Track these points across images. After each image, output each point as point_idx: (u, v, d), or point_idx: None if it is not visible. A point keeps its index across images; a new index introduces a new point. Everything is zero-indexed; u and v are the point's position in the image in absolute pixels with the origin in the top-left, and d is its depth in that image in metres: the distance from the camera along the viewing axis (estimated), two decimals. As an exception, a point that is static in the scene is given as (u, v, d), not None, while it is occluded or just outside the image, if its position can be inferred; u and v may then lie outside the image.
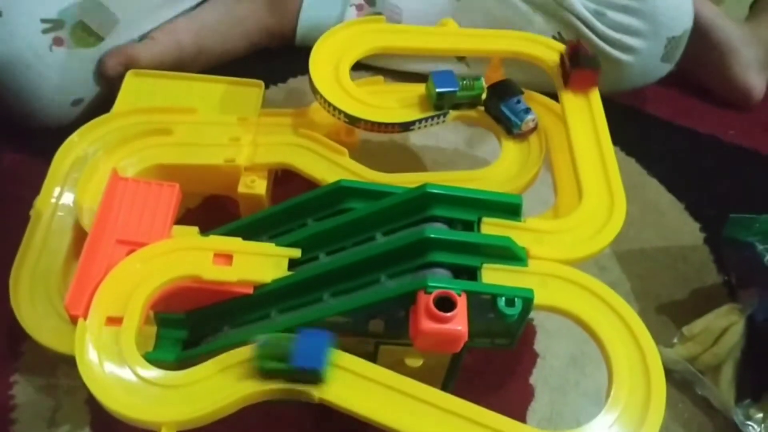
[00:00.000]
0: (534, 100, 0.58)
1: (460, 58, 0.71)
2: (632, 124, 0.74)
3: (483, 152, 0.68)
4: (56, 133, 0.56)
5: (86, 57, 0.63)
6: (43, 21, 0.60)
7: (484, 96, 0.56)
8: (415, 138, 0.69)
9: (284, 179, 0.57)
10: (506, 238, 0.42)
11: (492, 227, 0.43)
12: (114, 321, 0.41)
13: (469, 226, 0.44)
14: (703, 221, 0.67)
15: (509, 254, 0.42)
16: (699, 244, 0.65)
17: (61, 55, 0.61)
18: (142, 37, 0.66)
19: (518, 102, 0.54)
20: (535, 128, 0.55)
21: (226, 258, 0.45)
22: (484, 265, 0.41)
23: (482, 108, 0.56)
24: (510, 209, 0.44)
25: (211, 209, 0.59)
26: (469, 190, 0.44)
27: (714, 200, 0.68)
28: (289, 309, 0.44)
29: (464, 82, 0.55)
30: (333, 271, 0.43)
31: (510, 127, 0.55)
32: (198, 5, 0.70)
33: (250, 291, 0.45)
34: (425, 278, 0.39)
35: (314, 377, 0.37)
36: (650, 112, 0.75)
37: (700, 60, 0.75)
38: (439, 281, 0.39)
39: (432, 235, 0.41)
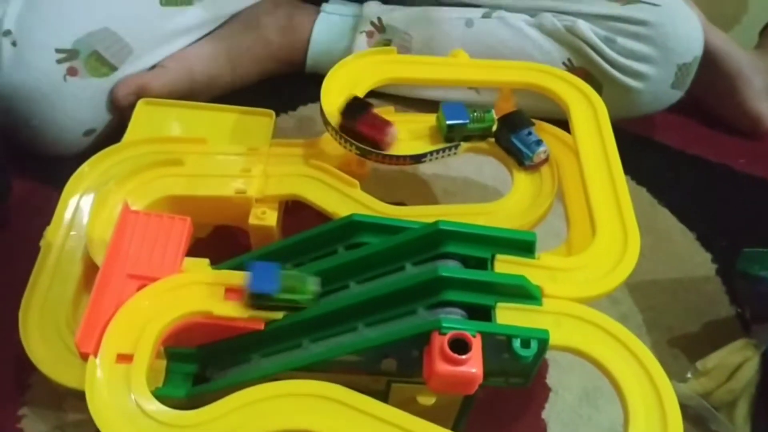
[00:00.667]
0: (545, 131, 0.58)
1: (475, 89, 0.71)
2: (643, 153, 0.74)
3: (494, 181, 0.68)
4: (68, 162, 0.56)
5: (100, 87, 0.63)
6: (58, 51, 0.60)
7: (494, 128, 0.56)
8: (425, 166, 0.68)
9: (295, 209, 0.57)
10: (521, 277, 0.41)
11: (506, 265, 0.43)
12: (124, 358, 0.41)
13: (483, 263, 0.43)
14: (715, 252, 0.66)
15: (524, 293, 0.41)
16: (711, 275, 0.65)
17: (75, 85, 0.61)
18: (155, 67, 0.67)
19: (529, 134, 0.54)
20: (546, 160, 0.55)
21: (238, 293, 0.45)
22: (499, 304, 0.41)
23: (493, 140, 0.56)
24: (524, 246, 0.44)
25: (222, 239, 0.59)
26: (482, 228, 0.43)
27: (725, 230, 0.68)
28: (315, 341, 0.44)
29: (475, 114, 0.55)
30: (344, 309, 0.43)
31: (521, 159, 0.54)
32: (209, 33, 0.71)
33: (261, 327, 0.44)
34: (439, 319, 0.38)
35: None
36: (661, 141, 0.75)
37: (709, 88, 0.75)
38: (454, 322, 0.38)
39: (445, 274, 0.40)
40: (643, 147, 0.74)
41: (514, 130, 0.55)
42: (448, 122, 0.54)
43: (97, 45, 0.62)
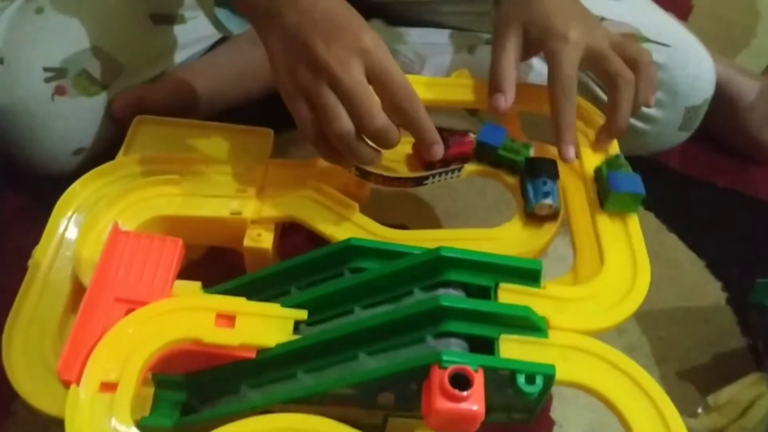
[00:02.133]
0: (550, 153, 0.56)
1: (472, 113, 0.69)
2: (650, 177, 0.71)
3: (497, 203, 0.66)
4: (59, 181, 0.54)
5: (89, 106, 0.62)
6: (46, 70, 0.59)
7: None
8: (426, 187, 0.67)
9: (291, 230, 0.55)
10: (525, 307, 0.39)
11: (510, 294, 0.41)
12: (108, 387, 0.39)
13: (486, 292, 0.41)
14: (725, 280, 0.64)
15: (528, 324, 0.39)
16: (721, 305, 0.63)
17: (63, 104, 0.60)
18: (155, 80, 0.65)
19: (545, 183, 0.51)
20: (552, 217, 0.51)
21: (229, 319, 0.43)
22: (502, 336, 0.39)
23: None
24: (529, 275, 0.42)
25: (215, 261, 0.58)
26: (485, 255, 0.42)
27: (736, 258, 0.66)
28: (294, 377, 0.42)
29: (514, 143, 0.53)
30: (341, 338, 0.41)
31: (524, 204, 0.51)
32: (213, 47, 0.69)
33: (253, 355, 0.42)
34: (440, 352, 0.36)
35: None
36: (668, 165, 0.74)
37: (716, 114, 0.73)
38: (455, 355, 0.36)
39: (446, 304, 0.39)
40: (649, 171, 0.72)
41: (533, 174, 0.52)
42: (480, 139, 0.52)
43: (86, 63, 0.61)
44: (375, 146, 0.47)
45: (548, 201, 0.50)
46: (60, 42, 0.60)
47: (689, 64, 0.65)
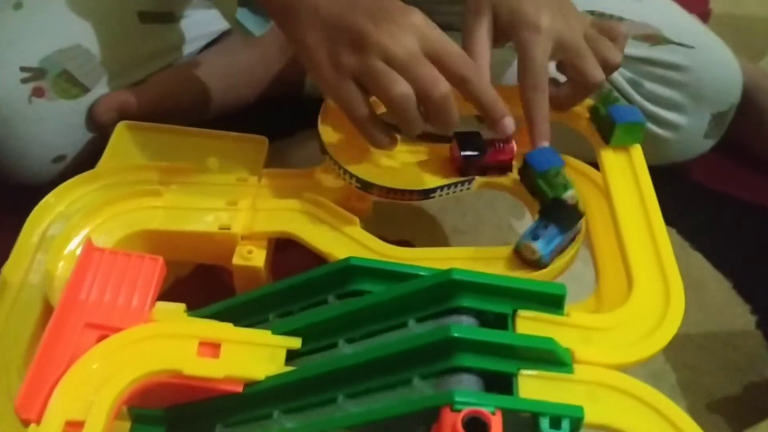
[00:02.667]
0: (569, 165, 0.52)
1: (480, 118, 0.64)
2: (672, 191, 0.67)
3: (509, 218, 0.62)
4: (38, 191, 0.50)
5: (69, 110, 0.58)
6: (23, 69, 0.55)
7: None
8: (433, 200, 0.62)
9: (285, 245, 0.51)
10: (549, 339, 0.35)
11: (529, 323, 0.37)
12: (74, 426, 0.35)
13: (503, 320, 0.37)
14: (754, 302, 0.60)
15: (552, 358, 0.35)
16: (750, 329, 0.58)
17: (41, 108, 0.56)
18: (139, 83, 0.61)
19: (557, 174, 0.47)
20: (536, 265, 0.45)
21: (213, 348, 0.39)
22: (522, 372, 0.34)
23: (511, 175, 0.50)
24: (551, 301, 0.37)
25: (203, 279, 0.54)
26: (502, 278, 0.37)
27: (765, 278, 0.61)
28: (288, 412, 0.37)
29: (555, 177, 0.47)
30: (339, 371, 0.36)
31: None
32: (201, 50, 0.65)
33: (240, 389, 0.38)
34: (452, 392, 0.32)
35: None
36: (692, 178, 0.69)
37: (741, 122, 0.69)
38: (469, 396, 0.32)
39: (459, 335, 0.34)
40: (671, 184, 0.68)
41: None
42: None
43: (67, 63, 0.57)
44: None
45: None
46: (39, 40, 0.57)
47: (715, 67, 0.61)
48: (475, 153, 0.49)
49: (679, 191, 0.68)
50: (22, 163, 0.57)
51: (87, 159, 0.57)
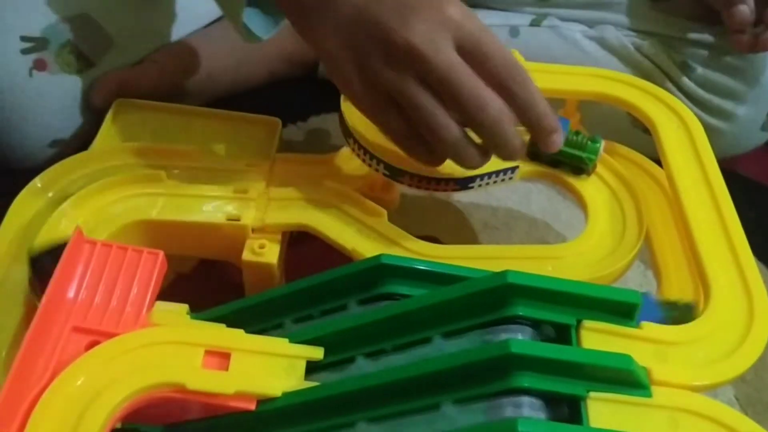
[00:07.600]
0: (620, 154, 0.47)
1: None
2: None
3: (543, 213, 0.57)
4: (31, 175, 0.45)
5: (73, 85, 0.53)
6: (24, 39, 0.51)
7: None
8: (460, 193, 0.58)
9: (300, 238, 0.46)
10: (626, 357, 0.29)
11: (596, 336, 0.31)
12: (58, 449, 0.30)
13: (565, 332, 0.31)
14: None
15: (626, 379, 0.29)
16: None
17: (42, 82, 0.52)
18: (142, 61, 0.57)
19: (576, 134, 0.44)
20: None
21: (222, 358, 0.34)
22: (591, 394, 0.29)
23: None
24: (621, 310, 0.32)
25: (209, 276, 0.50)
26: (565, 283, 0.31)
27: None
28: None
29: (577, 137, 0.44)
30: (373, 389, 0.31)
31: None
32: (211, 24, 0.61)
33: (252, 407, 0.33)
34: (515, 421, 0.26)
35: None
36: (740, 172, 0.65)
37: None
38: (535, 426, 0.26)
39: (518, 351, 0.28)
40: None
41: None
42: None
43: (72, 34, 0.53)
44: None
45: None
46: (42, 6, 0.52)
47: None
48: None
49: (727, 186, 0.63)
50: (18, 141, 0.53)
51: (83, 146, 0.52)
